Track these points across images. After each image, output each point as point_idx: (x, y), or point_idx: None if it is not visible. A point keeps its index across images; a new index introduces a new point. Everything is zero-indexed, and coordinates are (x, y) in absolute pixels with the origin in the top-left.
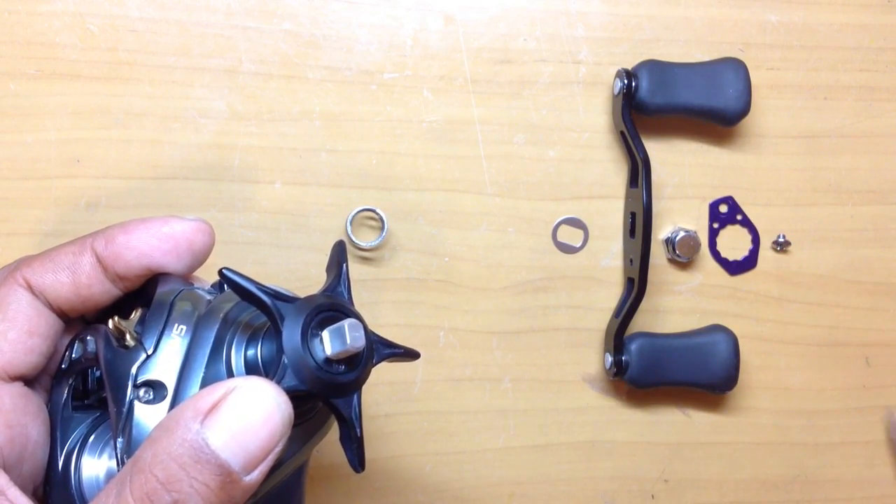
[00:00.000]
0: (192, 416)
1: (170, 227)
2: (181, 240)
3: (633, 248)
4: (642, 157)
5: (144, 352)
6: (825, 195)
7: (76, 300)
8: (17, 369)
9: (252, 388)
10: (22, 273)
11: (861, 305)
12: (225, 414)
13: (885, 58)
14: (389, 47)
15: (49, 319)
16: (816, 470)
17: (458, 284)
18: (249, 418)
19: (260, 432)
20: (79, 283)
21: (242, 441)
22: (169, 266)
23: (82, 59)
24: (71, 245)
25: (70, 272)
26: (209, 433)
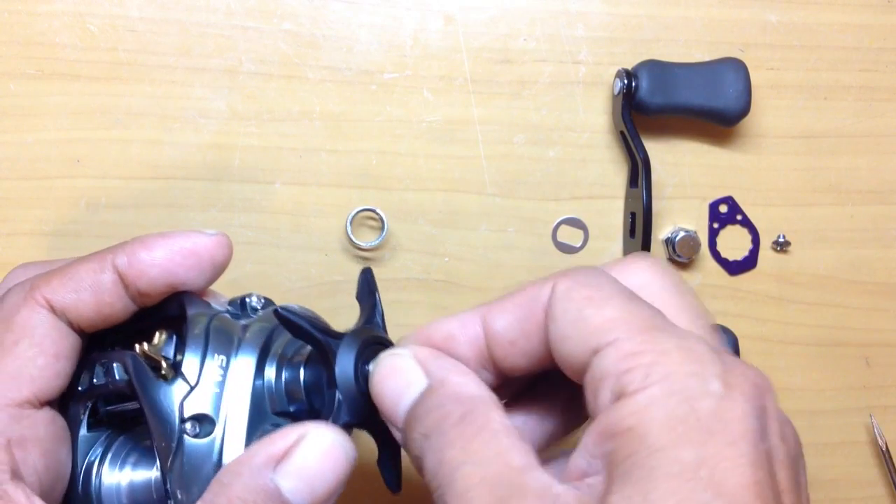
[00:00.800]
0: (265, 462)
1: (192, 242)
2: (204, 255)
3: (633, 249)
4: (642, 157)
5: (187, 383)
6: (825, 195)
7: (97, 318)
8: (46, 395)
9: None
10: (42, 293)
11: (861, 305)
12: (297, 461)
13: (885, 58)
14: (389, 47)
15: (72, 340)
16: (816, 470)
17: (458, 284)
18: (320, 465)
19: (328, 478)
20: (101, 302)
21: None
22: (192, 281)
23: (82, 59)
24: (90, 262)
25: (93, 291)
26: (281, 479)
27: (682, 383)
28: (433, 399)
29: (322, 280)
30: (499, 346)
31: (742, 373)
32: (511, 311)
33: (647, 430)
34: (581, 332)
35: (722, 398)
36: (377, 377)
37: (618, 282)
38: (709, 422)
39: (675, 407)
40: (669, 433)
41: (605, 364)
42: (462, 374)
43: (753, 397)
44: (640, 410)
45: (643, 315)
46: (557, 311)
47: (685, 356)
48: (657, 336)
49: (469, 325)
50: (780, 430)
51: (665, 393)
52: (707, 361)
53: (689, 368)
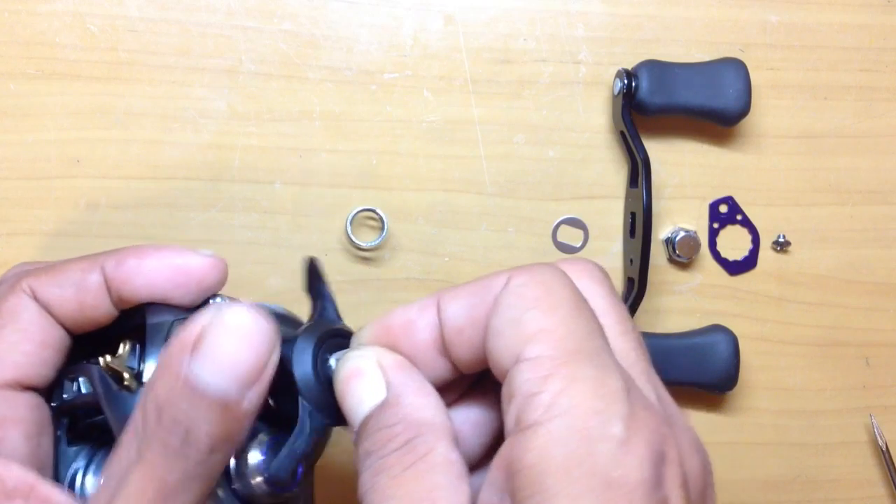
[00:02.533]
0: (179, 350)
1: (184, 259)
2: (193, 275)
3: (633, 249)
4: (642, 157)
5: None
6: (825, 195)
7: (79, 317)
8: (31, 381)
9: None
10: (28, 283)
11: (861, 305)
12: (208, 344)
13: (885, 58)
14: (389, 47)
15: (58, 332)
16: (816, 470)
17: None
18: (236, 347)
19: (246, 356)
20: (83, 302)
21: (230, 368)
22: (175, 298)
23: (82, 59)
24: (81, 261)
25: (77, 289)
26: (197, 366)
27: (583, 421)
28: (384, 416)
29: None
30: (448, 334)
31: (647, 416)
32: (463, 298)
33: (546, 469)
34: (513, 333)
35: (621, 443)
36: (340, 377)
37: (574, 288)
38: (606, 469)
39: (575, 448)
40: (567, 477)
41: (518, 381)
42: (420, 394)
43: (653, 443)
44: (540, 447)
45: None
46: (503, 304)
47: (594, 390)
48: (578, 361)
49: (427, 311)
50: (679, 476)
51: (566, 430)
52: (614, 399)
53: (594, 405)
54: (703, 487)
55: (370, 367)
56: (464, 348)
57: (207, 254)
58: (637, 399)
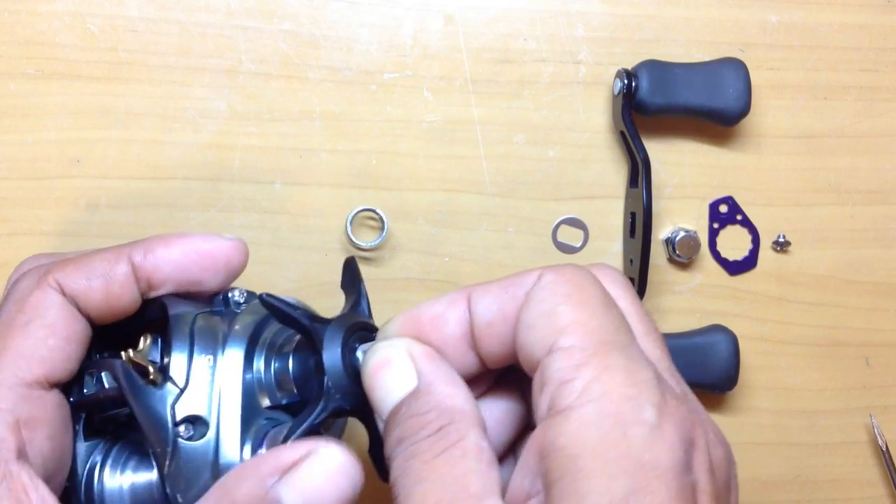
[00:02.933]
0: (271, 472)
1: (210, 244)
2: (220, 257)
3: (633, 248)
4: (642, 157)
5: (176, 386)
6: (825, 195)
7: (105, 308)
8: (56, 376)
9: (332, 454)
10: (55, 276)
11: (861, 305)
12: (302, 476)
13: (885, 58)
14: (389, 47)
15: (82, 325)
16: (816, 470)
17: (459, 284)
18: (324, 484)
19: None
20: (110, 292)
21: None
22: (205, 282)
23: (82, 59)
24: (107, 252)
25: (104, 280)
26: (284, 491)
27: (617, 406)
28: (416, 403)
29: (322, 280)
30: (478, 328)
31: (676, 404)
32: (494, 293)
33: (580, 451)
34: (546, 325)
35: (653, 428)
36: (370, 367)
37: (602, 287)
38: (639, 451)
39: (609, 431)
40: (601, 458)
41: (552, 369)
42: (451, 384)
43: (683, 429)
44: (573, 430)
45: (609, 327)
46: (535, 298)
47: (626, 378)
48: (609, 352)
49: (456, 305)
50: (707, 462)
51: (599, 414)
52: (646, 388)
53: (626, 391)
54: (728, 477)
55: (401, 357)
56: (493, 342)
57: (231, 238)
58: (667, 389)
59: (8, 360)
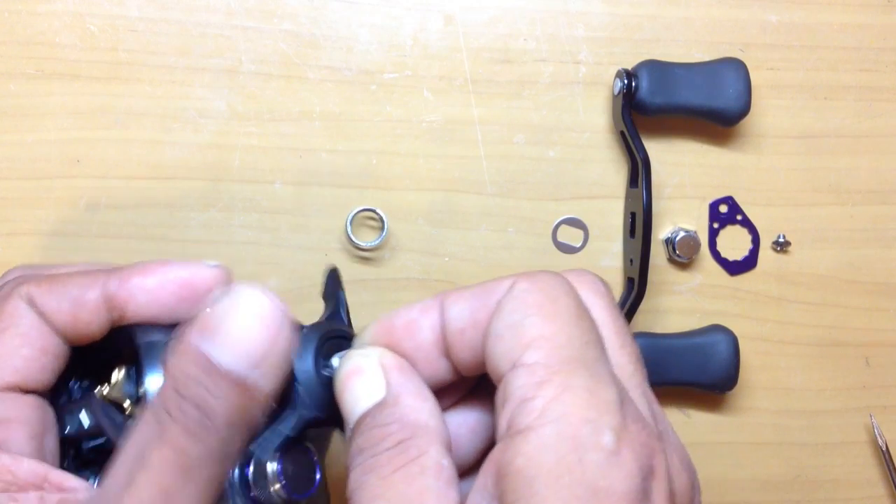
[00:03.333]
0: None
1: (190, 273)
2: (200, 287)
3: (633, 248)
4: (642, 157)
5: None
6: (825, 195)
7: (72, 332)
8: (31, 386)
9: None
10: (27, 290)
11: (861, 305)
12: (224, 326)
13: (885, 58)
14: (389, 47)
15: (56, 341)
16: (816, 470)
17: (459, 284)
18: (246, 324)
19: (260, 335)
20: (78, 318)
21: (242, 346)
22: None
23: (82, 59)
24: (81, 277)
25: (73, 304)
26: (210, 346)
27: (575, 428)
28: (381, 415)
29: (322, 280)
30: (450, 335)
31: (637, 429)
32: (467, 300)
33: (536, 474)
34: (512, 338)
35: (611, 454)
36: (341, 374)
37: (576, 297)
38: (594, 478)
39: (565, 455)
40: (556, 483)
41: (513, 385)
42: (419, 398)
43: (642, 456)
44: (530, 452)
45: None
46: (505, 308)
47: (587, 399)
48: (574, 370)
49: (429, 312)
50: (666, 490)
51: (557, 437)
52: (607, 410)
53: (586, 414)
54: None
55: (371, 366)
56: (465, 350)
57: (212, 264)
58: (630, 412)
59: None
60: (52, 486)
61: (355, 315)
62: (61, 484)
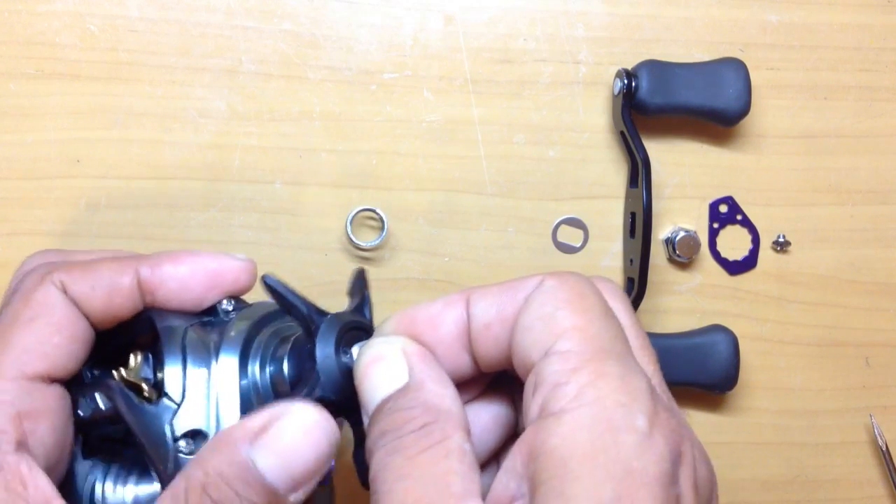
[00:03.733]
0: (242, 437)
1: (219, 264)
2: (227, 278)
3: (633, 248)
4: (642, 157)
5: (173, 402)
6: (825, 195)
7: (104, 316)
8: (58, 373)
9: (300, 413)
10: (60, 277)
11: (861, 305)
12: (273, 437)
13: (885, 58)
14: (389, 47)
15: (85, 326)
16: (816, 470)
17: (459, 284)
18: (296, 443)
19: (306, 456)
20: (112, 302)
21: (288, 464)
22: (207, 301)
23: (82, 59)
24: (114, 262)
25: (108, 289)
26: (257, 455)
27: (609, 412)
28: (404, 399)
29: (322, 280)
30: (475, 330)
31: (668, 416)
32: (494, 295)
33: (570, 454)
34: (544, 328)
35: (644, 436)
36: (363, 361)
37: (603, 297)
38: (628, 458)
39: (600, 436)
40: (591, 462)
41: (547, 371)
42: (442, 385)
43: (673, 441)
44: (565, 433)
45: (607, 335)
46: (535, 301)
47: (620, 385)
48: (606, 359)
49: (454, 306)
50: (692, 477)
51: (592, 418)
52: (639, 396)
53: (620, 398)
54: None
55: (394, 353)
56: (489, 345)
57: (241, 257)
58: (660, 400)
59: (12, 355)
60: None
61: None
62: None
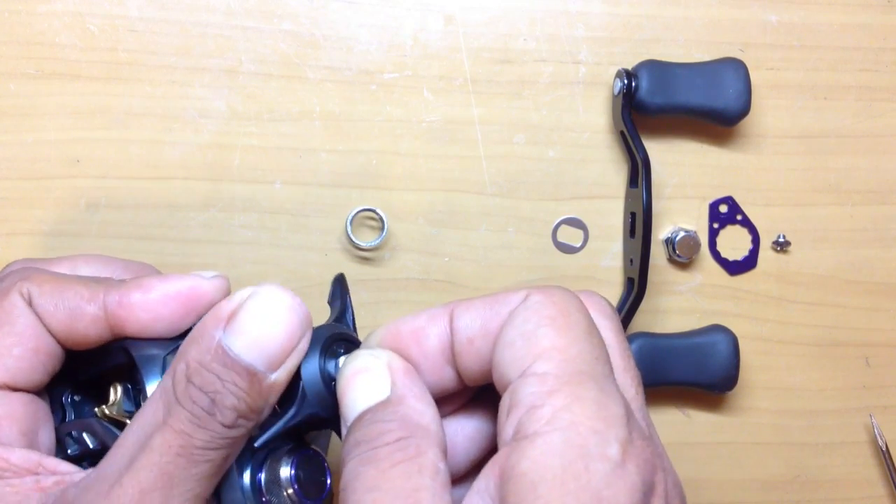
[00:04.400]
0: (214, 324)
1: (190, 287)
2: (201, 302)
3: (633, 248)
4: (642, 157)
5: None
6: (825, 195)
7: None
8: (22, 385)
9: (265, 294)
10: (28, 288)
11: (861, 305)
12: (243, 320)
13: (885, 58)
14: (389, 47)
15: (51, 342)
16: (816, 470)
17: (459, 284)
18: (266, 322)
19: (277, 334)
20: (73, 326)
21: (261, 344)
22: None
23: (82, 59)
24: (83, 286)
25: (70, 314)
26: (230, 339)
27: (583, 438)
28: (384, 412)
29: (322, 280)
30: (458, 343)
31: (643, 445)
32: (478, 309)
33: (540, 478)
34: (524, 346)
35: (617, 465)
36: (347, 371)
37: (588, 314)
38: (599, 487)
39: (571, 462)
40: (560, 488)
41: (522, 392)
42: (423, 402)
43: (646, 472)
44: (536, 456)
45: (588, 356)
46: (518, 317)
47: (596, 411)
48: (584, 382)
49: (438, 320)
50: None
51: (564, 444)
52: (615, 423)
53: (594, 424)
54: None
55: (379, 367)
56: (472, 359)
57: (211, 275)
58: (635, 427)
59: None
60: (46, 471)
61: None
62: (56, 468)
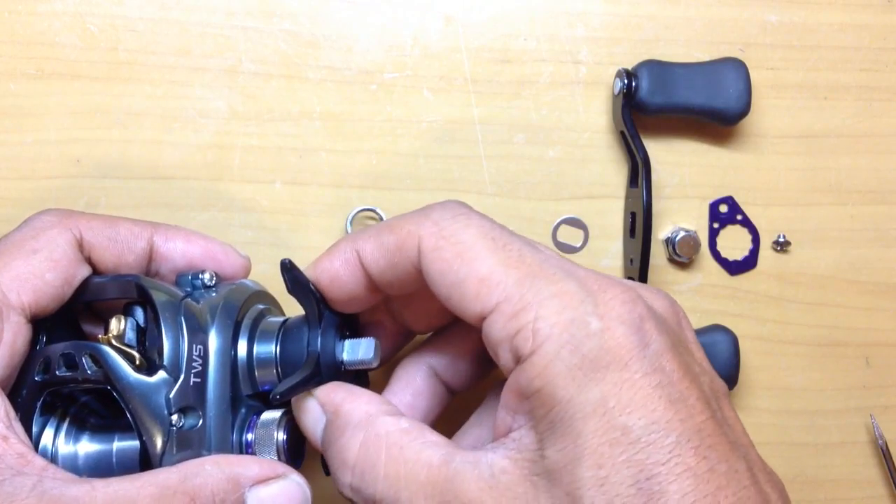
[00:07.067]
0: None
1: (225, 256)
2: (227, 269)
3: (633, 248)
4: (642, 157)
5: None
6: (825, 195)
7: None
8: (40, 311)
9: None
10: (78, 225)
11: (861, 305)
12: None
13: (885, 58)
14: (389, 47)
15: (82, 273)
16: (816, 470)
17: None
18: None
19: None
20: (123, 261)
21: None
22: None
23: (82, 59)
24: (132, 224)
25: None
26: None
27: (567, 333)
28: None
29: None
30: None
31: (612, 297)
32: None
33: (554, 386)
34: (463, 297)
35: (602, 332)
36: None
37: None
38: (598, 359)
39: (569, 358)
40: (572, 382)
41: (495, 332)
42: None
43: (627, 316)
44: (541, 372)
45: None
46: (433, 273)
47: (562, 303)
48: (533, 285)
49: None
50: (655, 322)
51: (556, 348)
52: (581, 302)
53: (568, 316)
54: (678, 319)
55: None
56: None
57: (244, 256)
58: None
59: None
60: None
61: None
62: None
